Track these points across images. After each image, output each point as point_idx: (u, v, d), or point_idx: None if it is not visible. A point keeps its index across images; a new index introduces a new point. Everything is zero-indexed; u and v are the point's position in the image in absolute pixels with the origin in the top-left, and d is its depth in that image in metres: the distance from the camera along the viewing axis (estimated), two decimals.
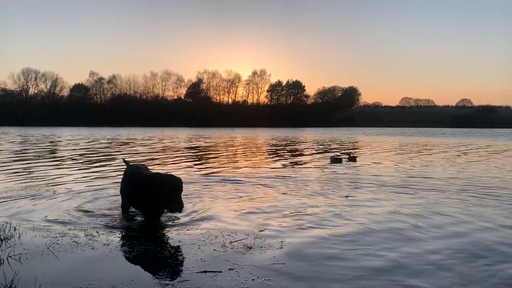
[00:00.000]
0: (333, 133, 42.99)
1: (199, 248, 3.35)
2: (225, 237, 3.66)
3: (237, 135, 34.14)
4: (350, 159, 11.21)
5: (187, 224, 4.10)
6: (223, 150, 16.13)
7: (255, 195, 5.85)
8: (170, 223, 4.12)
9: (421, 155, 14.05)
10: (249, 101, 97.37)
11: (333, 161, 10.97)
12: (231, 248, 3.35)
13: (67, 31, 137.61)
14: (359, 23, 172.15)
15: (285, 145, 20.03)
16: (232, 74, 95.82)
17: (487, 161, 11.99)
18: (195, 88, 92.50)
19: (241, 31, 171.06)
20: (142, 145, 18.73)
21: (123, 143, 20.42)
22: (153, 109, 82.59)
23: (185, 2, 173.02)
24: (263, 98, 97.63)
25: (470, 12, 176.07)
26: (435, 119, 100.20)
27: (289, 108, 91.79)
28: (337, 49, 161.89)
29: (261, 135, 35.05)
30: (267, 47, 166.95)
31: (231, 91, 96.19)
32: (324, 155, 13.80)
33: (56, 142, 21.44)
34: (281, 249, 3.36)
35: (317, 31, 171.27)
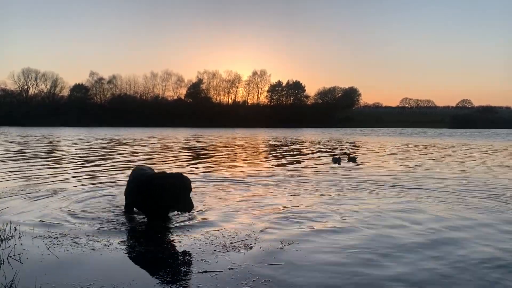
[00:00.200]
0: (332, 134, 42.99)
1: (199, 248, 3.35)
2: (226, 237, 3.66)
3: (237, 135, 34.12)
4: (349, 159, 11.24)
5: (188, 224, 4.10)
6: (223, 150, 16.12)
7: (255, 195, 5.84)
8: (171, 224, 4.11)
9: (420, 155, 14.06)
10: (249, 101, 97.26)
11: (333, 161, 11.01)
12: (232, 248, 3.35)
13: (67, 31, 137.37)
14: (359, 23, 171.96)
15: (285, 145, 20.03)
16: (232, 74, 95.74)
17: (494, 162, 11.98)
18: (195, 88, 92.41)
19: (241, 31, 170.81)
20: (141, 145, 18.73)
21: (122, 144, 20.42)
22: (153, 109, 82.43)
23: (185, 2, 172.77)
24: (263, 98, 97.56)
25: (470, 12, 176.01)
26: (435, 120, 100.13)
27: (289, 109, 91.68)
28: (337, 49, 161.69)
29: (261, 135, 35.04)
30: (267, 47, 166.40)
31: (231, 91, 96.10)
32: (324, 155, 13.81)
33: (55, 142, 21.43)
34: (281, 249, 3.36)
35: (317, 31, 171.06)
